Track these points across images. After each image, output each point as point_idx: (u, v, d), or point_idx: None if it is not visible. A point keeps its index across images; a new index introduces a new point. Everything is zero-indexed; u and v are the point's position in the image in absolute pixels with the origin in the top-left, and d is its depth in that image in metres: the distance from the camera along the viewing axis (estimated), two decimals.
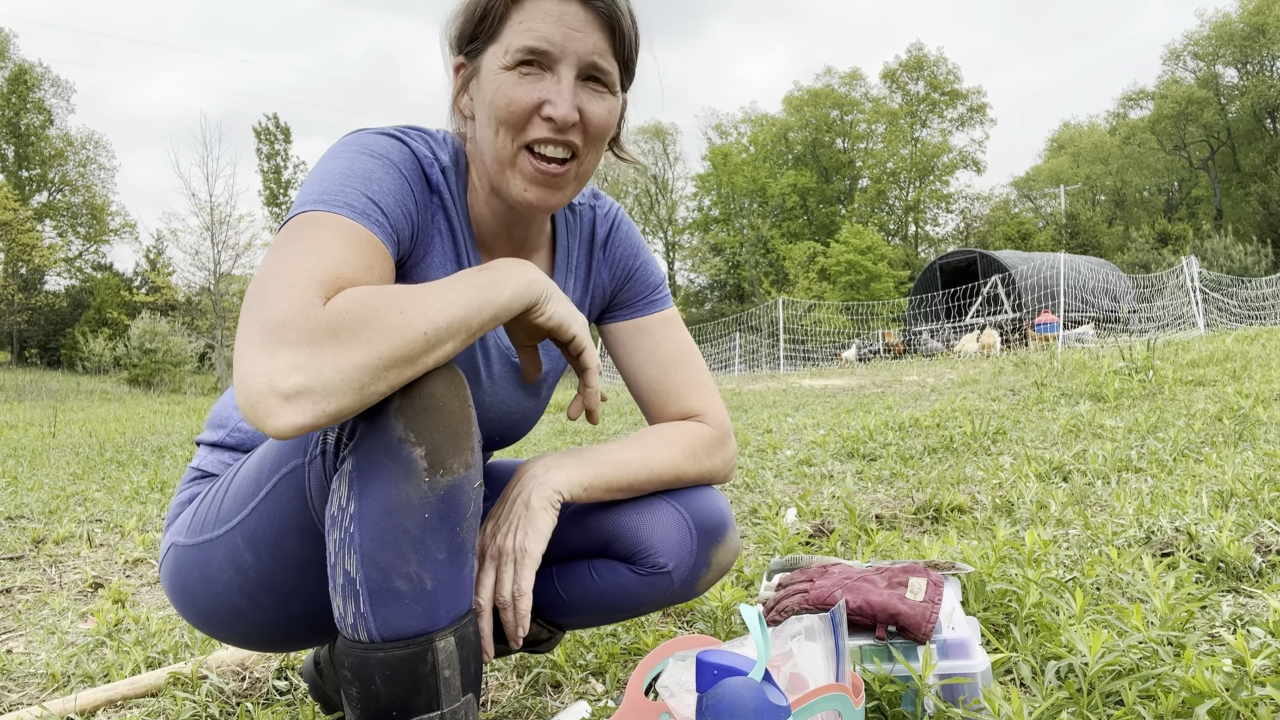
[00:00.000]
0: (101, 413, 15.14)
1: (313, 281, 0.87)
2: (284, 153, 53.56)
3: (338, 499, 0.93)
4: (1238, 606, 1.67)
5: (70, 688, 1.75)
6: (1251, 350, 7.87)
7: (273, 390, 0.81)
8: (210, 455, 1.27)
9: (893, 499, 3.09)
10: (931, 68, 53.38)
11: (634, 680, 1.22)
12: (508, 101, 1.04)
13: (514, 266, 1.01)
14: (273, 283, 0.87)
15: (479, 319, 0.94)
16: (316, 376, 0.82)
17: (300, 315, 0.83)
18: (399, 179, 1.05)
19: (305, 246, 0.91)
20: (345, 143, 1.08)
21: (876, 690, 1.28)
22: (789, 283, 43.86)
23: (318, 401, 0.82)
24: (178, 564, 1.16)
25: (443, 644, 0.94)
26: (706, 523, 1.26)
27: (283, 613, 1.12)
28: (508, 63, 1.04)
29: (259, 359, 0.82)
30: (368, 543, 0.91)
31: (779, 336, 20.93)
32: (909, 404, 6.86)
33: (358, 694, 0.94)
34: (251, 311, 0.86)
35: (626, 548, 1.24)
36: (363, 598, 0.92)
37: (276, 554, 1.06)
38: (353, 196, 0.98)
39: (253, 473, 1.09)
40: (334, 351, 0.83)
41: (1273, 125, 49.76)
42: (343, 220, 0.95)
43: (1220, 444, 3.51)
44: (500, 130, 1.05)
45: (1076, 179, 53.40)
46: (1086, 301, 20.81)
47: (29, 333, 41.07)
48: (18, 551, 3.16)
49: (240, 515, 1.08)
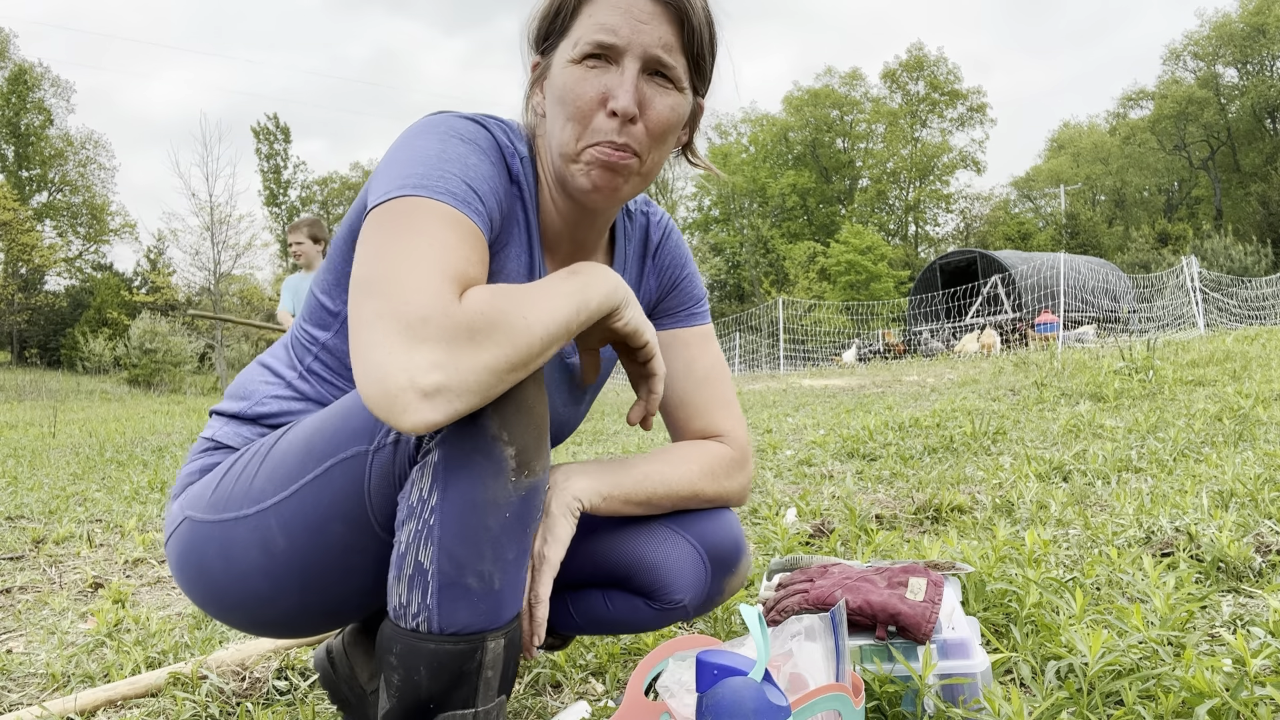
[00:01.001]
0: (101, 413, 15.14)
1: (445, 277, 0.87)
2: (283, 153, 53.57)
3: (418, 490, 0.93)
4: (1238, 606, 1.67)
5: (70, 688, 1.75)
6: (1251, 350, 7.87)
7: (413, 386, 0.82)
8: (226, 426, 1.23)
9: (893, 499, 3.09)
10: (931, 68, 53.39)
11: (634, 680, 1.22)
12: (574, 95, 1.04)
13: (599, 271, 1.01)
14: (404, 274, 0.87)
15: (576, 323, 0.95)
16: (454, 376, 0.83)
17: (441, 312, 0.84)
18: (489, 165, 1.05)
19: (423, 237, 0.91)
20: (432, 123, 1.06)
21: (876, 690, 1.28)
22: (789, 283, 43.86)
23: (451, 400, 0.83)
24: (193, 540, 1.12)
25: (493, 644, 0.94)
26: (720, 554, 1.27)
27: (304, 600, 1.09)
28: (575, 55, 1.04)
29: (399, 353, 0.82)
30: (447, 537, 0.91)
31: (779, 336, 20.93)
32: (909, 404, 6.86)
33: (399, 681, 0.94)
34: (383, 301, 0.86)
35: (644, 585, 1.24)
36: (431, 590, 0.92)
37: (316, 539, 1.03)
38: (453, 183, 0.98)
39: (297, 454, 1.05)
40: (470, 352, 0.84)
41: (1273, 125, 49.75)
42: (448, 210, 0.95)
43: (1220, 444, 3.51)
44: (567, 124, 1.05)
45: (1076, 179, 53.40)
46: (1086, 301, 20.80)
47: (29, 333, 41.07)
48: (18, 551, 3.16)
49: (279, 496, 1.05)
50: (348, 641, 1.38)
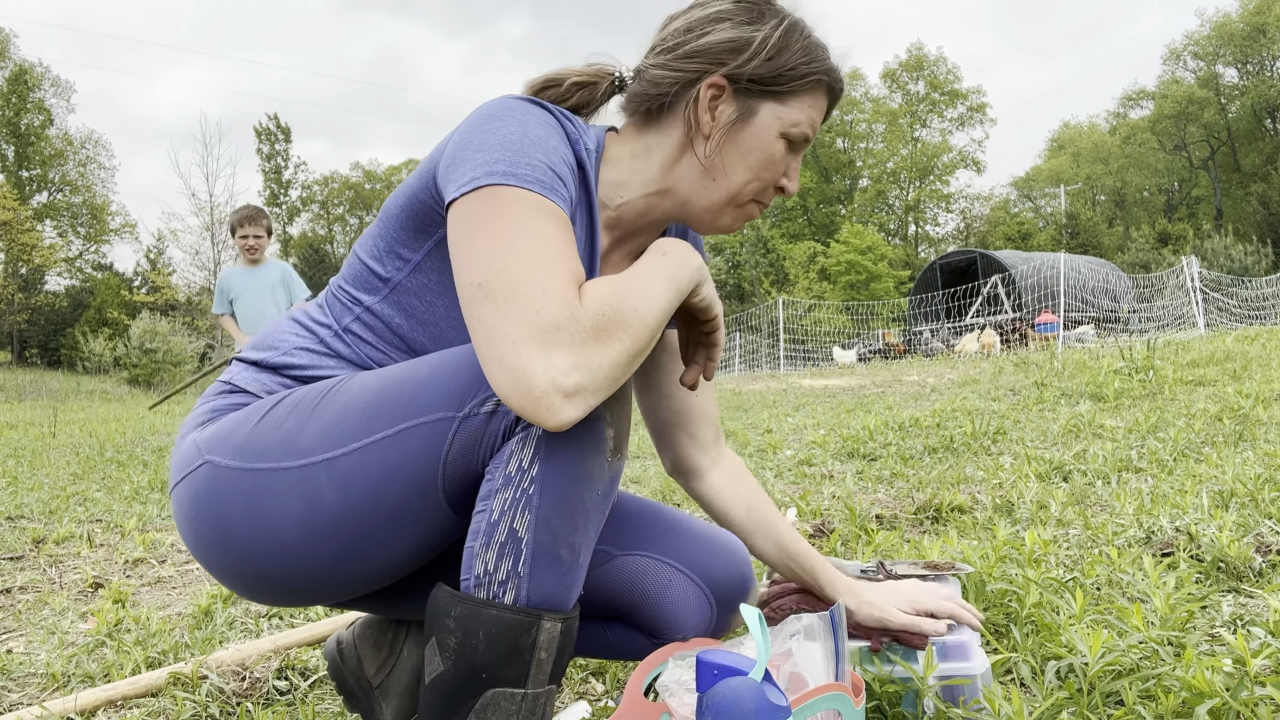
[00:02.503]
0: (101, 413, 15.13)
1: (565, 278, 0.91)
2: (284, 153, 53.58)
3: (518, 460, 0.96)
4: (1238, 606, 1.67)
5: (70, 688, 1.75)
6: (1251, 350, 7.86)
7: (556, 389, 0.87)
8: (246, 372, 1.19)
9: (893, 499, 3.09)
10: (931, 67, 53.39)
11: (634, 680, 1.22)
12: (771, 164, 1.16)
13: (684, 250, 1.04)
14: (524, 277, 0.90)
15: (674, 304, 0.99)
16: (590, 375, 0.88)
17: (570, 319, 0.88)
18: (566, 147, 1.08)
19: (528, 235, 0.93)
20: (508, 106, 1.06)
21: (876, 690, 1.28)
22: (789, 283, 43.84)
23: (588, 396, 0.89)
24: (214, 485, 1.06)
25: (549, 624, 0.96)
26: (727, 594, 1.30)
27: (335, 561, 1.04)
28: (786, 133, 1.15)
29: (537, 359, 0.87)
30: (545, 505, 0.95)
31: (779, 336, 20.93)
32: (909, 404, 6.86)
33: (456, 644, 0.96)
34: (512, 307, 0.89)
35: (647, 623, 1.28)
36: (525, 557, 0.95)
37: (371, 498, 1.00)
38: (540, 170, 0.99)
39: (361, 412, 1.02)
40: (599, 350, 0.89)
41: (1273, 125, 49.74)
42: (540, 200, 0.97)
43: (1220, 444, 3.51)
44: (751, 182, 1.16)
45: (1076, 179, 53.39)
46: (1086, 301, 20.80)
47: (29, 333, 41.04)
48: (18, 551, 3.16)
49: (335, 452, 1.01)
50: (358, 634, 1.40)
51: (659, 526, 1.32)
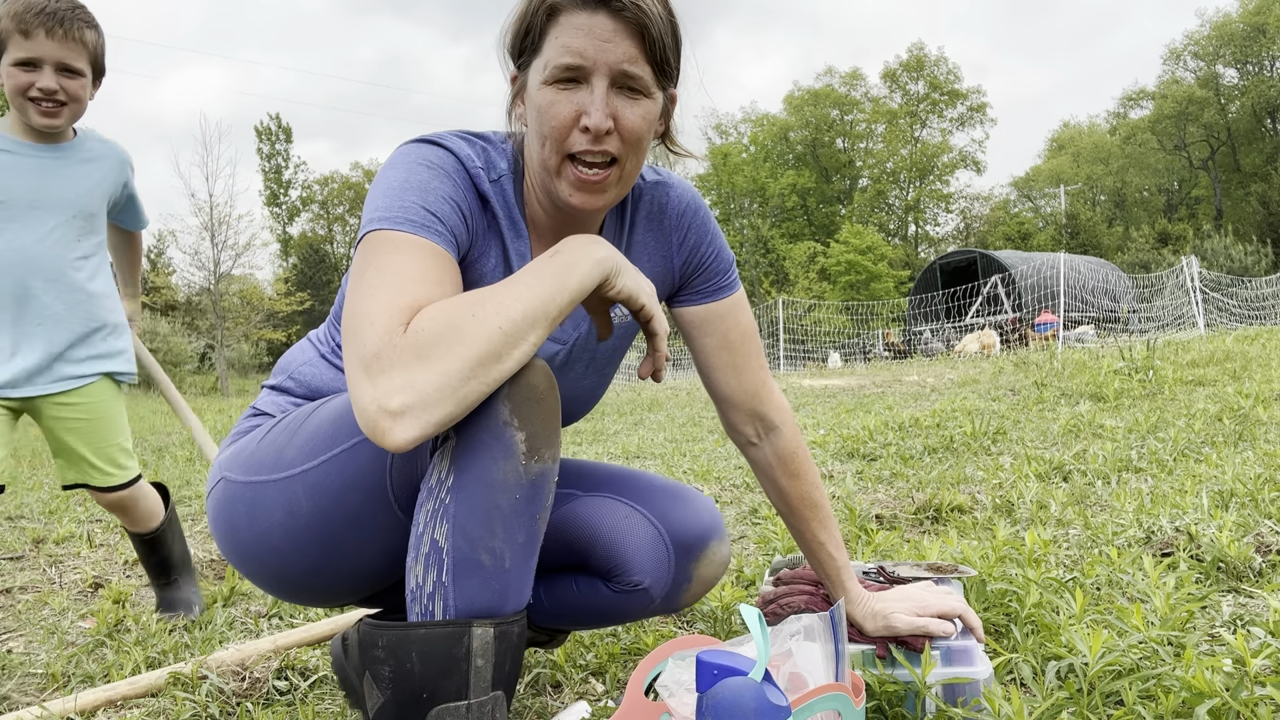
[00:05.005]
0: None
1: (394, 309, 0.96)
2: (285, 153, 53.62)
3: (437, 473, 1.00)
4: (1238, 606, 1.67)
5: (70, 688, 1.75)
6: (1251, 350, 7.86)
7: (383, 411, 0.91)
8: (268, 397, 1.33)
9: (893, 499, 3.09)
10: (931, 68, 53.38)
11: (634, 680, 1.22)
12: (549, 116, 1.09)
13: (583, 247, 1.05)
14: (361, 318, 0.97)
15: (555, 305, 1.00)
16: (417, 393, 0.91)
17: (388, 345, 0.93)
18: (453, 184, 1.11)
19: (380, 276, 0.99)
20: (403, 152, 1.14)
21: (876, 690, 1.28)
22: (789, 283, 43.83)
23: (420, 414, 0.91)
24: (226, 498, 1.22)
25: (480, 631, 0.98)
26: (685, 538, 1.31)
27: (318, 563, 1.16)
28: (547, 78, 1.10)
29: (365, 387, 0.93)
30: (461, 513, 0.97)
31: (779, 336, 20.92)
32: (909, 404, 6.86)
33: (390, 674, 0.98)
34: (350, 347, 0.96)
35: (601, 564, 1.30)
36: (446, 566, 0.98)
37: (336, 507, 1.11)
38: (411, 210, 1.05)
39: (328, 427, 1.13)
40: (423, 369, 0.92)
41: (1273, 125, 49.75)
42: (406, 238, 1.03)
43: (1220, 444, 3.51)
44: (545, 143, 1.11)
45: (1076, 179, 53.38)
46: (1086, 301, 20.79)
47: None
48: (18, 551, 3.16)
49: (306, 465, 1.13)
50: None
51: (629, 480, 1.39)
